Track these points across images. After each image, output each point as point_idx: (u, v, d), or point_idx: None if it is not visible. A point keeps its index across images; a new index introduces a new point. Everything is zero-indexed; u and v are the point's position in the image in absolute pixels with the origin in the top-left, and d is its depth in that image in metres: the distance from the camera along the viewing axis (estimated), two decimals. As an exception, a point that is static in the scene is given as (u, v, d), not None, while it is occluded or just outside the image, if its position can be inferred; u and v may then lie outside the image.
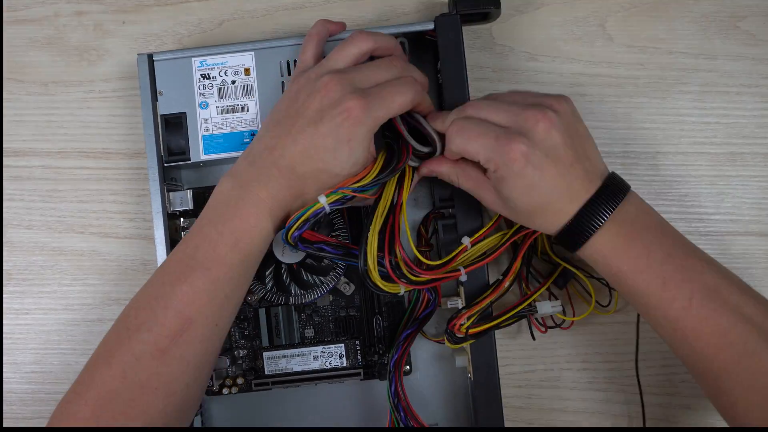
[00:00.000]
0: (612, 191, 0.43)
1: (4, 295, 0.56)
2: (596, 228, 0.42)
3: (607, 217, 0.42)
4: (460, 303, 0.50)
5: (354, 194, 0.44)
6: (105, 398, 0.41)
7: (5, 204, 0.57)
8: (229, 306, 0.44)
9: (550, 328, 0.53)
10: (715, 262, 0.44)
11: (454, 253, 0.48)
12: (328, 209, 0.44)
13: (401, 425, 0.49)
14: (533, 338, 0.53)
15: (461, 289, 0.50)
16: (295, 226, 0.44)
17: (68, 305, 0.56)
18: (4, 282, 0.56)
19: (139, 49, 0.56)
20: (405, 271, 0.46)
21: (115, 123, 0.56)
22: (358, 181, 0.44)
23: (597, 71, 0.56)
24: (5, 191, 0.57)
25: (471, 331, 0.48)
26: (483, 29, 0.56)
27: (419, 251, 0.52)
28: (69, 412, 0.41)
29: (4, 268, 0.56)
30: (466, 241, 0.48)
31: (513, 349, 0.56)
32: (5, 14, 0.57)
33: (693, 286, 0.41)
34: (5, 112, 0.57)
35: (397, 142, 0.47)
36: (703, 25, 0.56)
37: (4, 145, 0.57)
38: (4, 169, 0.57)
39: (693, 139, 0.56)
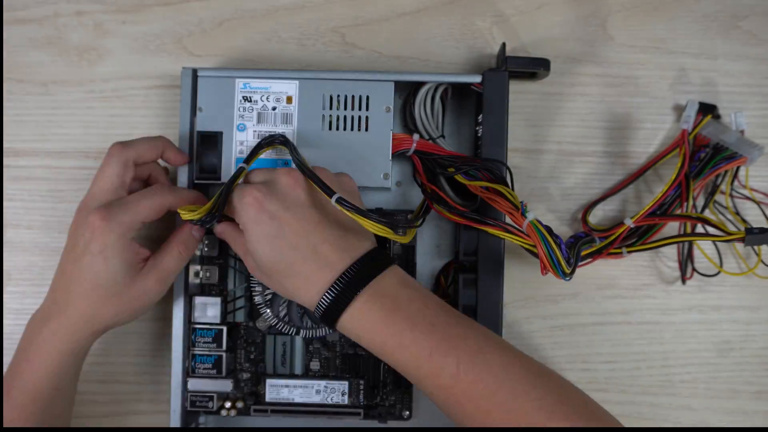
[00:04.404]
0: (369, 265, 0.43)
1: (4, 295, 0.56)
2: (349, 300, 0.42)
3: (360, 289, 0.42)
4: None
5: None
6: None
7: (5, 204, 0.57)
8: None
9: (702, 275, 0.55)
10: (476, 324, 0.44)
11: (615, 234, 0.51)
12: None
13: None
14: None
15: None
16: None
17: (68, 305, 0.56)
18: (4, 282, 0.56)
19: (139, 49, 0.56)
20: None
21: (115, 123, 0.56)
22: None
23: (597, 71, 0.56)
24: (5, 191, 0.57)
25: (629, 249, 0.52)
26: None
27: None
28: None
29: (4, 268, 0.56)
30: (629, 222, 0.51)
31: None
32: (5, 14, 0.57)
33: (459, 353, 0.42)
34: (5, 112, 0.57)
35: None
36: (704, 25, 0.56)
37: (4, 145, 0.57)
38: (4, 169, 0.57)
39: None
